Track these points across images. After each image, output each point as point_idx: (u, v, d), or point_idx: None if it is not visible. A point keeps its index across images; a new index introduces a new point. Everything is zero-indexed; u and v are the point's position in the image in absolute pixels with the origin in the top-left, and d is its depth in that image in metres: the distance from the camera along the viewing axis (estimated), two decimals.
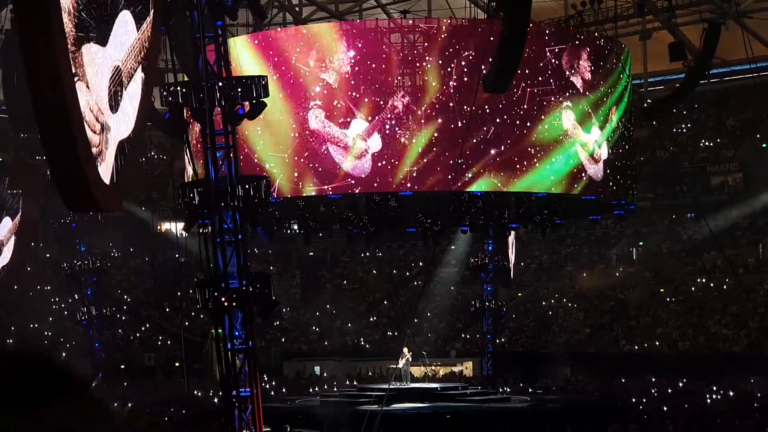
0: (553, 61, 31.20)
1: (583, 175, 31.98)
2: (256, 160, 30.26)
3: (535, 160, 30.90)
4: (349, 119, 30.10)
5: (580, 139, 31.80)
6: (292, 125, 30.37)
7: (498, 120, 30.47)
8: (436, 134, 30.14)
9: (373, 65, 30.19)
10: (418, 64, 30.23)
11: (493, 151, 30.40)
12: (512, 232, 41.00)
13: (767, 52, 49.13)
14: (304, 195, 30.73)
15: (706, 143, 55.71)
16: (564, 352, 46.54)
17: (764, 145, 52.71)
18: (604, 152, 32.62)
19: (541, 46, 31.05)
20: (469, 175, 30.23)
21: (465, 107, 29.69)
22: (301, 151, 30.33)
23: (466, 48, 30.13)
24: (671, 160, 55.77)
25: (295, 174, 30.41)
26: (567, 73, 31.45)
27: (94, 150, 12.34)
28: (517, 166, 30.69)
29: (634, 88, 36.68)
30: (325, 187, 30.22)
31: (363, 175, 30.09)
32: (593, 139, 32.16)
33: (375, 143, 30.10)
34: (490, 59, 25.91)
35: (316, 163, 30.23)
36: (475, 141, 30.02)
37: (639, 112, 40.61)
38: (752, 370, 39.12)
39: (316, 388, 42.23)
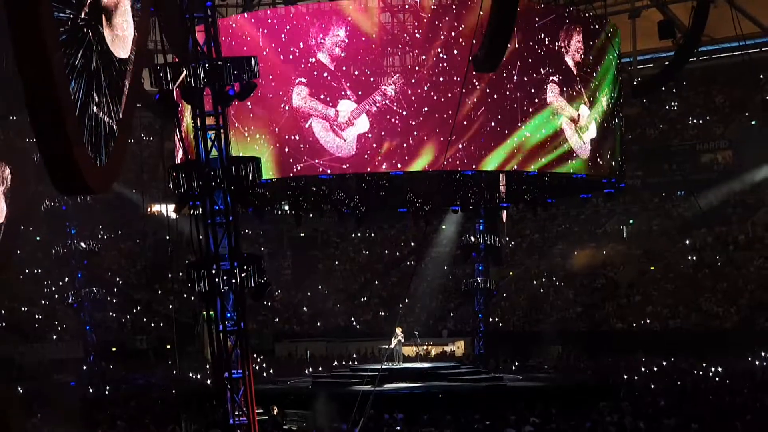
0: (545, 39, 31.18)
1: (573, 153, 32.02)
2: (246, 135, 30.27)
3: (526, 138, 30.91)
4: (338, 99, 30.11)
5: (571, 117, 31.83)
6: (283, 99, 30.38)
7: (489, 99, 30.45)
8: (426, 114, 30.12)
9: (364, 45, 30.16)
10: (408, 43, 30.18)
11: (484, 131, 30.40)
12: (503, 211, 41.02)
13: (756, 29, 49.20)
14: (294, 171, 30.68)
15: (696, 121, 55.79)
16: (555, 330, 46.68)
17: (753, 123, 52.80)
18: (593, 130, 32.67)
19: (531, 24, 31.02)
20: (461, 155, 30.24)
21: (455, 81, 29.63)
22: (290, 128, 30.35)
23: (456, 26, 30.09)
24: (661, 138, 55.87)
25: (286, 149, 30.42)
26: (559, 52, 31.44)
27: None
28: (509, 145, 30.69)
29: (623, 67, 36.69)
30: (316, 161, 30.20)
31: (347, 155, 30.11)
32: (583, 117, 32.21)
33: (363, 124, 30.10)
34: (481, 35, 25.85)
35: (304, 140, 30.24)
36: (466, 121, 30.01)
37: (628, 91, 40.62)
38: (743, 346, 39.31)
39: (309, 369, 42.29)
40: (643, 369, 38.10)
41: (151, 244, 56.02)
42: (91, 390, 36.98)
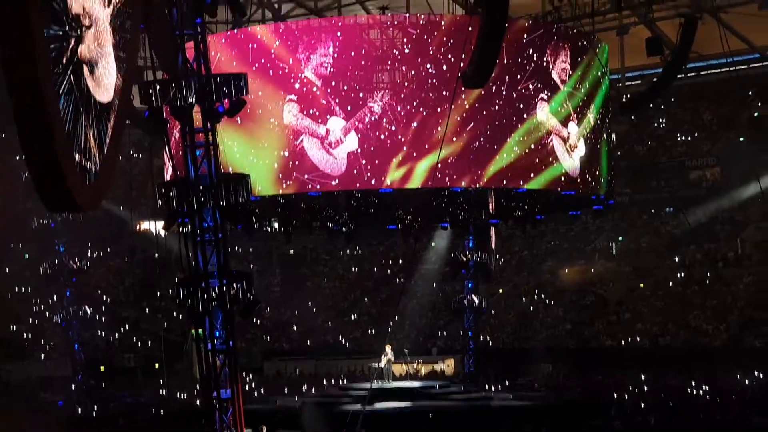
0: (533, 56, 31.22)
1: (562, 170, 32.01)
2: (236, 151, 30.20)
3: (515, 155, 30.90)
4: (327, 116, 30.06)
5: (560, 134, 31.85)
6: (272, 115, 30.33)
7: (478, 115, 30.45)
8: (415, 130, 30.09)
9: (353, 62, 30.14)
10: (397, 60, 30.17)
11: (473, 147, 30.37)
12: (492, 228, 40.98)
13: (743, 46, 49.32)
14: (284, 187, 30.57)
15: (684, 138, 55.86)
16: (545, 348, 46.59)
17: (741, 139, 52.90)
18: (582, 147, 32.67)
19: (519, 41, 31.07)
20: (450, 171, 30.20)
21: (444, 96, 29.63)
22: (280, 144, 30.31)
23: (445, 42, 30.11)
24: (649, 154, 55.92)
25: (275, 165, 30.34)
26: (547, 68, 31.48)
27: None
28: (498, 162, 30.67)
29: (611, 84, 36.76)
30: (305, 177, 30.10)
31: (337, 173, 30.04)
32: (571, 134, 32.22)
33: (352, 140, 30.05)
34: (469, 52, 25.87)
35: (294, 157, 30.18)
36: (455, 137, 29.98)
37: (616, 107, 40.68)
38: (733, 363, 39.29)
39: (303, 388, 42.12)
40: (631, 387, 38.03)
41: (140, 262, 55.80)
42: (79, 409, 36.78)
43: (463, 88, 27.77)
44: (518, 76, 30.91)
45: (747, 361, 39.42)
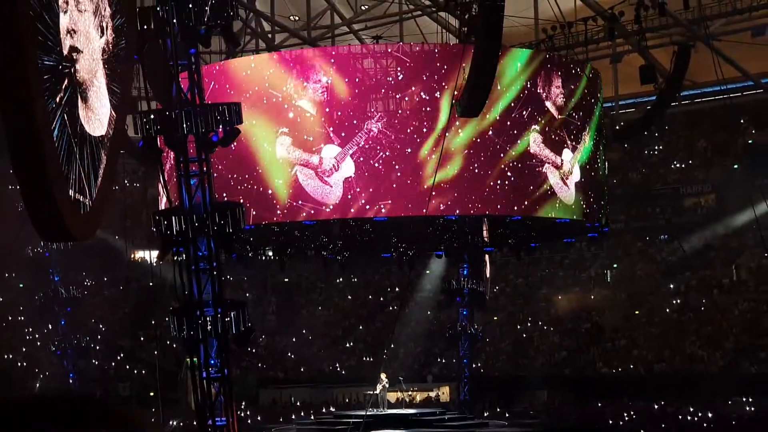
0: (526, 83, 31.33)
1: (556, 197, 32.07)
2: (230, 179, 30.26)
3: (508, 183, 30.95)
4: (322, 144, 30.12)
5: (552, 162, 31.91)
6: (266, 142, 30.41)
7: (472, 143, 30.52)
8: (409, 156, 30.15)
9: (347, 91, 30.24)
10: (391, 86, 30.28)
11: (467, 174, 30.43)
12: (487, 256, 41.02)
13: (736, 74, 49.52)
14: (278, 216, 30.58)
15: (679, 165, 56.01)
16: (541, 375, 46.53)
17: (735, 166, 53.02)
18: (576, 175, 32.73)
19: (513, 69, 31.17)
20: (444, 199, 30.24)
21: (437, 120, 29.72)
22: (274, 172, 30.37)
23: (437, 71, 30.22)
24: (644, 182, 56.02)
25: (269, 192, 30.38)
26: (540, 96, 31.59)
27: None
28: (492, 189, 30.71)
29: (605, 111, 36.87)
30: (299, 203, 30.11)
31: (332, 200, 30.08)
32: (565, 162, 32.27)
33: (348, 167, 30.11)
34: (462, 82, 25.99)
35: (288, 185, 30.25)
36: (449, 164, 30.04)
37: (611, 135, 40.78)
38: (728, 390, 39.25)
39: (293, 416, 41.99)
40: (629, 413, 37.97)
41: (135, 291, 55.70)
42: None
43: (456, 116, 27.90)
44: (512, 104, 31.03)
45: (742, 387, 39.38)
